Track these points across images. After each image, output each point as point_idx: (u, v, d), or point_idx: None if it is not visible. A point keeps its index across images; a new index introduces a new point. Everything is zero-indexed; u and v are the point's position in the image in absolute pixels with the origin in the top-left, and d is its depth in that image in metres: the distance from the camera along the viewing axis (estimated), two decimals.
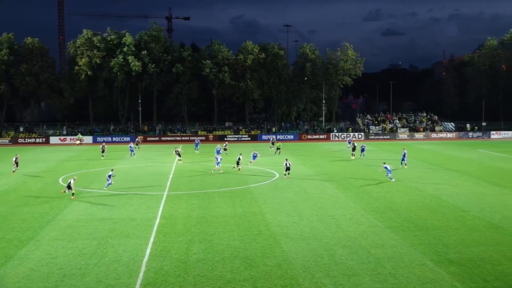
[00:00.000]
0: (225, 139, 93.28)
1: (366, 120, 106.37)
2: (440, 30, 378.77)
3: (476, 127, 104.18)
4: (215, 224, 30.11)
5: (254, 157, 55.93)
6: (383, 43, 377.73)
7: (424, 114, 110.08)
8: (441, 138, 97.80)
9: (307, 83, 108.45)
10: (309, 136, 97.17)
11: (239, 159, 52.43)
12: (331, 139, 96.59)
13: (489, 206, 34.94)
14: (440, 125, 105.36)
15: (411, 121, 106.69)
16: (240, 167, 51.77)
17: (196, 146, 72.60)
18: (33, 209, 34.37)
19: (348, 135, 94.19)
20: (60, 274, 21.86)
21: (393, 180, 44.97)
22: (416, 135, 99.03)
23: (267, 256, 24.25)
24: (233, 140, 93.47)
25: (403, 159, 54.03)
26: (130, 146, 65.94)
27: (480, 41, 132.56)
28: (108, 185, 41.14)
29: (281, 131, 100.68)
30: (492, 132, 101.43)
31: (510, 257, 24.02)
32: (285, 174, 47.90)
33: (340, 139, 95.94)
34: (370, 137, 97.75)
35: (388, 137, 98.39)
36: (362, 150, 63.31)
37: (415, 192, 40.57)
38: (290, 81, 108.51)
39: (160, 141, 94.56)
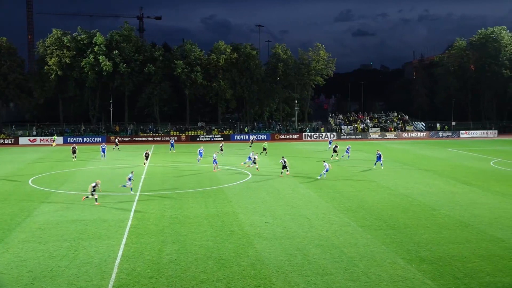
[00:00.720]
0: (198, 139, 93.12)
1: (338, 120, 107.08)
2: (410, 31, 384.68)
3: (446, 127, 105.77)
4: (188, 225, 29.98)
5: (249, 158, 55.85)
6: (354, 44, 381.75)
7: (395, 114, 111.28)
8: (411, 138, 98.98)
9: (280, 83, 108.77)
10: (282, 136, 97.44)
11: (254, 158, 53.30)
12: (304, 139, 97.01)
13: (459, 205, 35.49)
14: (411, 125, 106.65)
15: (382, 121, 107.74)
16: (257, 166, 52.73)
17: (172, 145, 72.40)
18: (1, 211, 33.75)
19: (327, 136, 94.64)
20: (30, 277, 21.51)
21: (320, 177, 46.41)
22: (387, 135, 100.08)
23: (240, 256, 24.23)
24: (206, 140, 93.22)
25: (378, 160, 53.94)
26: (102, 147, 64.99)
27: (449, 42, 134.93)
28: (131, 188, 40.25)
29: (253, 131, 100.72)
30: (461, 131, 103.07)
31: (479, 255, 24.42)
32: (282, 172, 48.37)
33: (312, 139, 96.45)
34: (342, 136, 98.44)
35: (360, 136, 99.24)
36: (347, 151, 62.71)
37: (387, 191, 40.99)
38: (263, 81, 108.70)
39: (132, 141, 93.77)
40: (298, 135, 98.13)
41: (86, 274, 21.87)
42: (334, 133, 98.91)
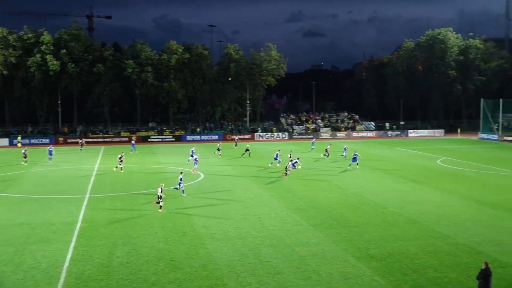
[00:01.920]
0: (149, 140, 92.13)
1: (290, 120, 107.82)
2: (360, 32, 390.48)
3: (394, 126, 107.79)
4: (139, 227, 29.65)
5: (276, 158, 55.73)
6: (305, 44, 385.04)
7: (346, 114, 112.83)
8: (362, 137, 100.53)
9: (232, 83, 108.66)
10: (234, 137, 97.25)
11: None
12: (256, 139, 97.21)
13: (408, 203, 36.27)
14: (361, 124, 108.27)
15: (333, 121, 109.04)
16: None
17: (133, 146, 71.51)
18: None
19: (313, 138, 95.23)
20: None
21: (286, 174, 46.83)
22: (338, 134, 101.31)
23: (192, 257, 24.12)
24: (157, 141, 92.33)
25: (354, 161, 53.77)
26: (49, 150, 63.21)
27: (398, 43, 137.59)
28: (183, 190, 39.26)
29: (205, 131, 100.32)
30: (409, 130, 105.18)
31: (427, 251, 25.03)
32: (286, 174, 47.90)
33: (264, 138, 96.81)
34: (293, 136, 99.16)
35: (311, 136, 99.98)
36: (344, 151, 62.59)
37: (338, 190, 41.51)
38: (215, 81, 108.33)
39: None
40: (250, 135, 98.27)
41: (33, 279, 21.36)
42: (286, 133, 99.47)
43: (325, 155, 63.18)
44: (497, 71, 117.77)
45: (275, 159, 54.95)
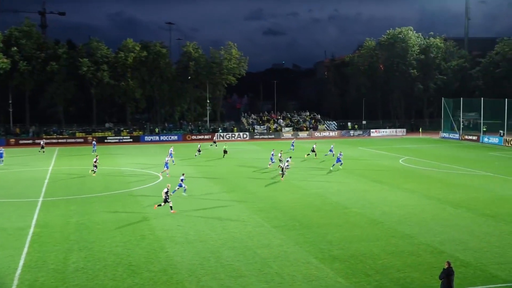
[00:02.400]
0: (105, 141, 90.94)
1: (251, 120, 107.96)
2: (321, 30, 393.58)
3: (356, 126, 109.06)
4: (96, 231, 29.23)
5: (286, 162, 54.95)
6: (265, 43, 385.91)
7: (307, 113, 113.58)
8: (324, 137, 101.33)
9: (191, 82, 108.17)
10: (194, 137, 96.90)
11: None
12: (216, 139, 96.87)
13: (370, 203, 36.74)
14: (323, 124, 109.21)
15: (295, 120, 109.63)
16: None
17: (94, 147, 70.51)
18: None
19: (293, 136, 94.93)
20: None
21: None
22: (300, 134, 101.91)
23: (151, 262, 23.92)
24: (114, 142, 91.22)
25: (338, 161, 53.55)
26: (0, 152, 61.53)
27: (359, 42, 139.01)
28: (185, 190, 39.22)
29: (164, 132, 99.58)
30: (371, 130, 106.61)
31: (390, 251, 25.40)
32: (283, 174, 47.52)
33: (225, 139, 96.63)
34: (255, 136, 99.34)
35: (273, 136, 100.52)
36: (331, 150, 62.72)
37: (300, 191, 41.75)
38: (173, 80, 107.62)
39: (34, 144, 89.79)
40: (210, 135, 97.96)
41: None
42: (247, 133, 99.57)
43: (309, 154, 63.56)
44: (457, 70, 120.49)
45: (271, 160, 54.85)
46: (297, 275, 22.28)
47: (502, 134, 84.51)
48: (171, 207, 33.59)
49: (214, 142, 79.11)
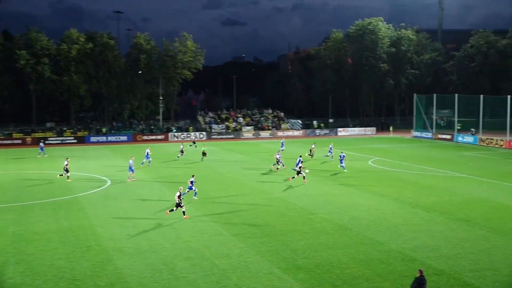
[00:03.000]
0: (46, 142, 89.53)
1: (208, 118, 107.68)
2: (285, 21, 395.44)
3: (322, 125, 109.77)
4: (35, 242, 28.75)
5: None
6: (224, 34, 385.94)
7: (270, 111, 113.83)
8: (288, 136, 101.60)
9: (142, 77, 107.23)
10: (145, 137, 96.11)
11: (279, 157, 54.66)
12: (170, 139, 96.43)
13: (337, 207, 37.08)
14: (287, 123, 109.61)
15: (256, 119, 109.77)
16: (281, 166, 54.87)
17: (42, 149, 69.29)
18: None
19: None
20: None
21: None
22: (261, 134, 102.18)
23: (98, 275, 23.66)
24: (56, 143, 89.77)
25: (328, 154, 53.81)
26: None
27: (326, 34, 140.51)
28: (195, 194, 39.41)
29: (112, 131, 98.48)
30: (339, 129, 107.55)
31: (358, 260, 25.71)
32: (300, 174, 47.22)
33: (179, 139, 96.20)
34: (212, 136, 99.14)
35: (232, 136, 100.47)
36: (330, 151, 63.50)
37: (262, 195, 41.86)
38: (122, 74, 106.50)
39: None
40: (163, 136, 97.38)
41: None
42: (204, 133, 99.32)
43: (310, 155, 63.89)
44: (430, 64, 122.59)
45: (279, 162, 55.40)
46: (258, 287, 22.35)
47: (473, 133, 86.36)
48: (183, 212, 33.72)
49: (194, 143, 78.15)
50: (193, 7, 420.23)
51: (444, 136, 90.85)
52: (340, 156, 54.68)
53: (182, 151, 65.56)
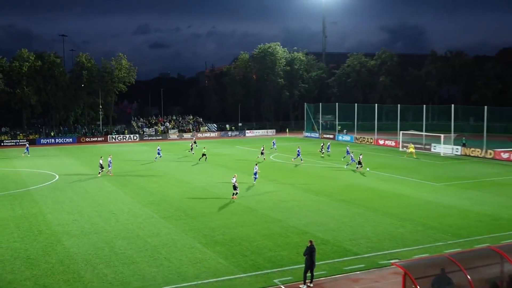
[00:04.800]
0: (2, 144, 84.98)
1: (140, 123, 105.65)
2: (201, 44, 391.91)
3: (233, 127, 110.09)
4: None
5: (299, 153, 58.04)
6: (152, 54, 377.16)
7: (191, 117, 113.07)
8: (206, 137, 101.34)
9: (84, 89, 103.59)
10: (88, 139, 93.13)
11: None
12: (109, 140, 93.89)
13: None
14: (205, 126, 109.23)
15: (180, 123, 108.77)
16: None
17: (27, 149, 65.26)
18: None
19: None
20: None
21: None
22: (184, 135, 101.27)
23: (48, 254, 22.76)
24: (11, 145, 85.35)
25: (352, 161, 52.03)
26: None
27: (235, 55, 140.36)
28: (236, 193, 35.94)
29: (59, 134, 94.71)
30: (247, 131, 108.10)
31: (263, 234, 26.01)
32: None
33: (117, 140, 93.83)
34: (144, 138, 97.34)
35: (161, 137, 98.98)
36: (348, 152, 59.34)
37: (186, 185, 41.55)
38: (68, 87, 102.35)
39: None
40: (103, 138, 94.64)
41: None
42: (137, 135, 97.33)
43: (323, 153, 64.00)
44: (316, 79, 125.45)
45: (298, 155, 57.04)
46: (183, 259, 22.20)
47: (346, 133, 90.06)
48: (235, 193, 35.17)
49: (195, 143, 71.63)
50: (126, 32, 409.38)
51: (328, 136, 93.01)
52: (347, 152, 57.99)
53: (192, 148, 65.15)
